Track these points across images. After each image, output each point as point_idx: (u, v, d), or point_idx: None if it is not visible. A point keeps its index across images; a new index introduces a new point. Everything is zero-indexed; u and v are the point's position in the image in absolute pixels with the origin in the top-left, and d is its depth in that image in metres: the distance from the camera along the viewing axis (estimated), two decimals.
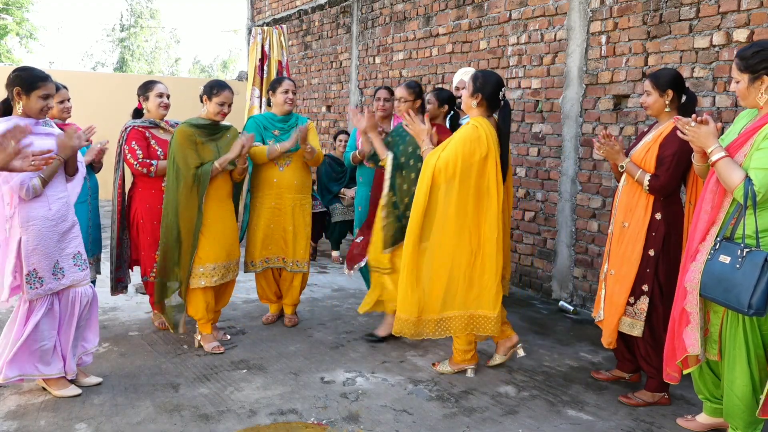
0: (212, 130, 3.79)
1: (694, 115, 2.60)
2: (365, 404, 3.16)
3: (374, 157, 3.89)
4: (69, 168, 3.13)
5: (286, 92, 4.17)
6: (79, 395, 3.15)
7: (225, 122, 3.90)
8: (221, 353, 3.78)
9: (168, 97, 4.03)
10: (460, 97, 3.92)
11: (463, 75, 4.47)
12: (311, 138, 4.19)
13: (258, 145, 4.05)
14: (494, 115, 3.43)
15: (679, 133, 2.69)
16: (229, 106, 3.78)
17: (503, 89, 3.37)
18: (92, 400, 3.13)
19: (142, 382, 3.36)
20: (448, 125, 4.10)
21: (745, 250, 2.42)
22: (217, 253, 3.74)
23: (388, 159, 3.73)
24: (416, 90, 3.99)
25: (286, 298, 4.38)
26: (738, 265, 2.41)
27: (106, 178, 4.52)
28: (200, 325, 3.84)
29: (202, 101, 3.82)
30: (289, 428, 2.90)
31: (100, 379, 3.34)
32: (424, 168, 3.30)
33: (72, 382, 3.21)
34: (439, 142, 3.69)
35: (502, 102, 3.38)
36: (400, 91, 4.01)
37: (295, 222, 4.20)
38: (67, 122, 3.83)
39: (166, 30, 35.47)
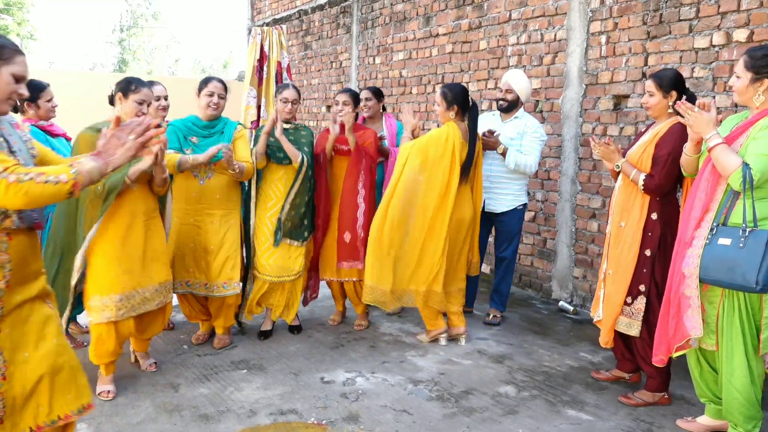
0: None
1: (698, 101, 2.67)
2: (365, 404, 3.16)
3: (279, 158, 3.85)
4: None
5: (211, 95, 3.61)
6: None
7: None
8: (155, 371, 3.47)
9: (166, 98, 4.00)
10: (503, 99, 4.30)
11: (509, 77, 4.29)
12: (241, 149, 3.66)
13: (171, 153, 3.44)
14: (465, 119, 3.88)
15: (680, 118, 2.75)
16: (149, 105, 3.16)
17: (470, 94, 3.89)
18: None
19: (142, 382, 3.36)
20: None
21: (748, 230, 2.48)
22: (126, 280, 3.09)
23: (304, 160, 3.82)
24: (355, 96, 4.13)
25: (217, 319, 3.84)
26: (741, 245, 2.47)
27: None
28: (101, 366, 3.20)
29: (111, 103, 3.21)
30: (289, 428, 2.90)
31: None
32: (401, 153, 3.83)
33: None
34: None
35: (471, 104, 3.86)
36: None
37: (223, 240, 3.64)
38: (50, 122, 3.72)
39: (166, 31, 35.53)
